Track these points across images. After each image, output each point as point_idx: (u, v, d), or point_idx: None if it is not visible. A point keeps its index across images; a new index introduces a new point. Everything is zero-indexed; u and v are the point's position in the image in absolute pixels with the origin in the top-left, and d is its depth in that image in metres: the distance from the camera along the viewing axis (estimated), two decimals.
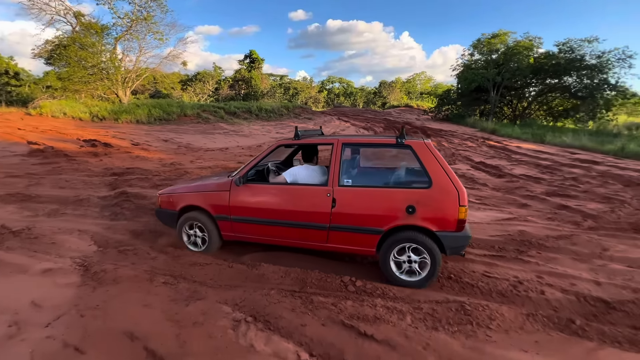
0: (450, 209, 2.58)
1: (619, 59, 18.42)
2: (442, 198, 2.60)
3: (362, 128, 19.13)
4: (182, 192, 3.43)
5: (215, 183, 3.30)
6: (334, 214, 2.82)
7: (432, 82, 52.27)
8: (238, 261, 3.09)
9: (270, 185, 3.14)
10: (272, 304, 2.33)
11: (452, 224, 2.59)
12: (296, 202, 2.96)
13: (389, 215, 2.69)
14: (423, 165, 2.69)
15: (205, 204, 3.23)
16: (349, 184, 2.87)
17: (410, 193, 2.69)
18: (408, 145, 2.76)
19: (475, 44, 23.25)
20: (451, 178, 2.63)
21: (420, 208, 2.62)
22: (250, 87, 33.36)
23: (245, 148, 12.17)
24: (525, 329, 2.14)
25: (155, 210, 3.69)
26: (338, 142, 2.97)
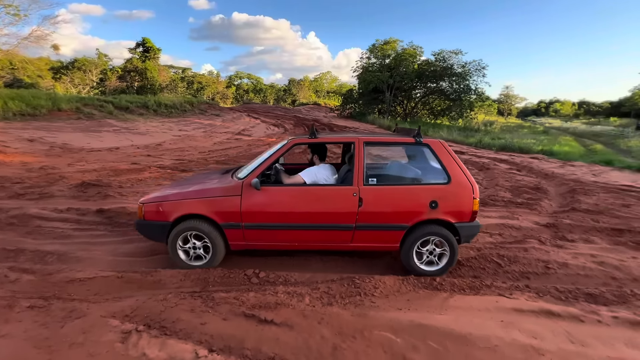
0: (467, 202, 2.80)
1: (477, 69, 22.94)
2: (459, 192, 2.80)
3: (272, 125, 19.17)
4: (177, 199, 2.91)
5: (221, 187, 2.91)
6: (360, 214, 2.80)
7: (337, 81, 55.63)
8: (130, 270, 2.82)
9: (291, 187, 2.92)
10: (169, 308, 2.23)
11: (468, 215, 2.81)
12: (321, 204, 2.85)
13: (415, 211, 2.80)
14: (441, 162, 2.85)
15: (209, 211, 2.82)
16: (374, 182, 2.85)
17: (432, 189, 2.83)
18: (426, 144, 2.92)
19: (371, 49, 25.72)
20: (465, 174, 2.84)
21: (442, 202, 2.78)
22: (145, 79, 29.73)
23: (142, 147, 10.90)
24: (400, 291, 2.57)
25: (135, 222, 3.06)
26: (359, 140, 2.92)
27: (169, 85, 34.66)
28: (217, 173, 3.57)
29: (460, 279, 2.79)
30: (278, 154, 2.97)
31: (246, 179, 2.87)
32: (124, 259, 3.16)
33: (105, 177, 6.23)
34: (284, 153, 2.98)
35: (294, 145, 3.03)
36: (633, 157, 12.33)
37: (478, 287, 2.63)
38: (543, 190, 6.09)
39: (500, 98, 57.15)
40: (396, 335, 2.02)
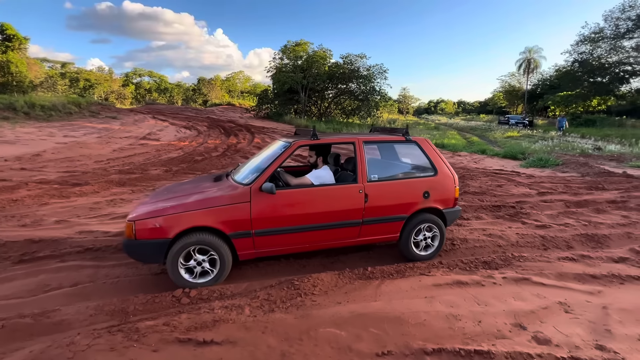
0: (451, 190, 3.25)
1: (380, 72, 25.31)
2: (445, 182, 3.24)
3: (184, 127, 17.66)
4: (177, 212, 2.61)
5: (227, 194, 2.76)
6: (366, 209, 3.00)
7: (250, 81, 54.34)
8: (14, 316, 2.26)
9: (302, 189, 2.96)
10: (79, 352, 1.86)
11: (452, 201, 3.28)
12: (331, 203, 2.97)
13: (412, 202, 3.15)
14: (429, 157, 3.26)
15: (215, 221, 2.64)
16: (375, 179, 3.06)
17: (424, 181, 3.21)
18: (414, 141, 3.32)
19: (283, 49, 25.93)
20: (447, 166, 3.29)
21: (432, 192, 3.18)
22: (9, 74, 23.97)
23: (12, 159, 8.74)
24: (338, 285, 2.68)
25: (124, 243, 2.65)
26: (359, 140, 3.14)
27: (45, 83, 28.67)
28: (207, 180, 3.31)
29: (388, 265, 3.06)
30: (284, 156, 2.91)
31: (254, 184, 2.77)
32: (3, 302, 2.51)
33: None
34: (289, 155, 2.96)
35: (298, 147, 3.04)
36: (499, 146, 15.39)
37: (403, 271, 2.92)
38: None
39: (399, 98, 64.46)
40: (340, 329, 2.11)
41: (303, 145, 3.14)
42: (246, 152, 11.08)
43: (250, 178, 2.87)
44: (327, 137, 3.36)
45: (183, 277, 2.64)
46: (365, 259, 3.37)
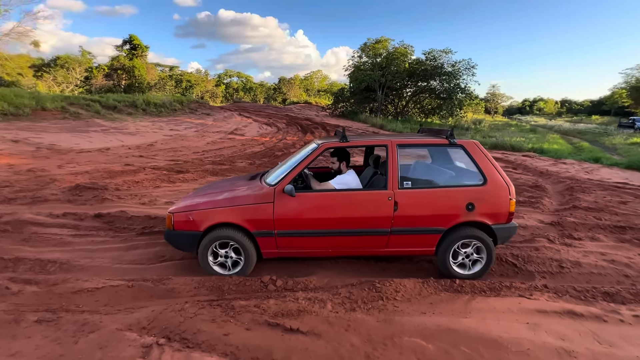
0: (503, 203, 2.77)
1: (466, 68, 23.25)
2: (495, 193, 2.77)
3: (265, 124, 18.97)
4: (208, 208, 2.83)
5: (253, 194, 2.83)
6: (396, 218, 2.75)
7: (327, 80, 55.55)
8: (139, 278, 2.70)
9: (325, 193, 2.87)
10: (188, 319, 2.14)
11: (505, 216, 2.78)
12: (355, 209, 2.79)
13: (451, 214, 2.75)
14: (477, 163, 2.81)
15: (241, 219, 2.75)
16: (408, 186, 2.80)
17: (468, 191, 2.79)
18: (460, 144, 2.87)
19: (362, 48, 25.74)
20: (501, 174, 2.80)
21: (478, 204, 2.74)
22: (133, 77, 29.00)
23: (134, 148, 10.58)
24: (422, 294, 2.53)
25: (165, 232, 2.93)
26: (392, 143, 2.87)
27: (158, 84, 33.90)
28: (243, 179, 3.47)
29: (479, 280, 2.77)
30: (309, 159, 2.89)
31: (278, 185, 2.79)
32: (131, 266, 3.03)
33: (100, 180, 6.01)
34: (315, 158, 2.90)
35: (325, 149, 2.97)
36: (619, 154, 12.72)
37: (498, 289, 2.62)
38: (542, 188, 6.19)
39: (487, 97, 58.24)
40: (427, 341, 1.99)
41: (331, 148, 3.02)
42: None
43: (277, 179, 2.88)
44: (358, 140, 3.16)
45: (210, 266, 2.81)
46: None
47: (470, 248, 2.82)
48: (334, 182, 2.97)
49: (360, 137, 3.27)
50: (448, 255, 2.82)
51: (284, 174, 2.87)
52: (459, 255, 2.84)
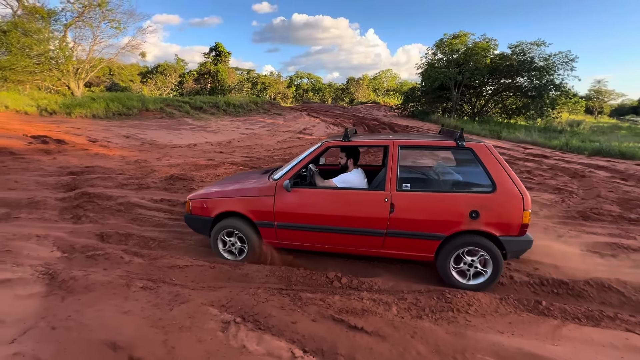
0: (514, 213, 2.53)
1: (563, 61, 20.20)
2: (506, 202, 2.54)
3: (332, 124, 19.28)
4: (218, 197, 3.12)
5: (257, 187, 3.04)
6: (391, 220, 2.70)
7: (397, 79, 53.90)
8: (220, 261, 3.01)
9: (322, 190, 2.94)
10: (260, 303, 2.31)
11: (516, 228, 2.54)
12: (351, 208, 2.81)
13: (452, 220, 2.61)
14: (486, 168, 2.60)
15: (245, 209, 2.98)
16: (407, 188, 2.72)
17: (473, 198, 2.61)
18: (469, 147, 2.68)
19: (437, 44, 24.27)
20: (515, 181, 2.56)
21: (484, 213, 2.55)
22: (216, 81, 32.23)
23: (215, 144, 11.78)
24: (499, 312, 2.31)
25: (184, 216, 3.33)
26: (394, 144, 2.81)
27: (237, 86, 37.02)
28: (257, 173, 3.68)
29: (572, 305, 2.41)
30: (311, 156, 2.98)
31: (280, 180, 2.93)
32: None
33: (188, 172, 6.84)
34: (317, 156, 2.99)
35: (328, 148, 3.00)
36: None
37: (598, 318, 2.24)
38: None
39: (589, 94, 49.68)
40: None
41: (333, 147, 3.03)
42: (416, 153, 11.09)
43: (279, 175, 2.99)
44: (361, 139, 3.06)
45: (219, 248, 3.10)
46: (534, 286, 2.77)
47: (475, 257, 2.63)
48: (336, 179, 2.99)
49: (365, 136, 3.26)
50: (447, 263, 2.67)
51: (286, 170, 3.00)
52: (461, 262, 2.67)
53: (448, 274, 2.70)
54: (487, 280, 2.64)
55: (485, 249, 2.59)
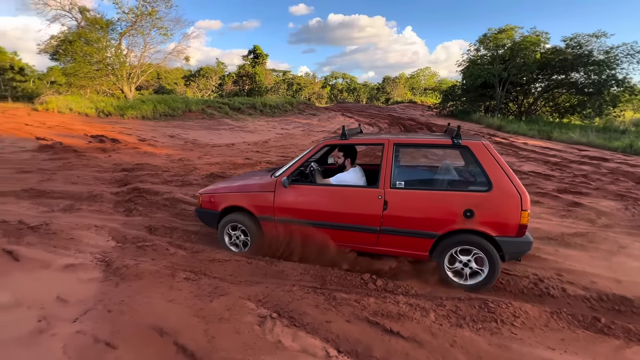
0: (512, 214, 2.47)
1: (628, 54, 18.20)
2: (502, 201, 2.49)
3: (367, 124, 19.06)
4: (224, 192, 3.33)
5: (259, 183, 3.21)
6: (385, 217, 2.73)
7: (436, 77, 51.96)
8: (256, 257, 3.10)
9: (318, 187, 3.05)
10: (295, 300, 2.34)
11: (513, 229, 2.48)
12: (345, 204, 2.88)
13: (445, 219, 2.60)
14: (482, 166, 2.57)
15: (248, 204, 3.15)
16: (401, 186, 2.74)
17: (468, 196, 2.58)
18: (465, 145, 2.65)
19: (481, 39, 23.02)
20: (512, 181, 2.50)
21: (479, 212, 2.51)
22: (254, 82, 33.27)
23: (252, 144, 12.16)
24: (550, 327, 2.14)
25: (195, 209, 3.58)
26: (389, 142, 2.85)
27: (273, 88, 37.96)
28: (263, 172, 3.86)
29: (637, 325, 2.16)
30: (310, 154, 3.10)
31: (279, 177, 3.06)
32: None
33: (227, 170, 7.13)
34: (315, 154, 3.11)
35: (325, 146, 3.13)
36: None
37: None
38: None
39: None
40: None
41: (330, 145, 3.15)
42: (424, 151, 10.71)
43: (280, 172, 3.14)
44: (358, 138, 3.15)
45: (225, 241, 3.30)
46: (591, 301, 2.53)
47: (470, 256, 2.61)
48: (333, 179, 3.06)
49: (362, 135, 3.34)
50: (442, 261, 2.67)
51: (286, 168, 3.14)
52: (456, 261, 2.65)
53: (443, 274, 2.69)
54: (483, 280, 2.60)
55: (480, 248, 2.56)
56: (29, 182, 5.57)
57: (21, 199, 4.69)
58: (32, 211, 4.21)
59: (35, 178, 5.89)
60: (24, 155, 7.96)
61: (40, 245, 3.11)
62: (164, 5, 20.58)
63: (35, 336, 1.91)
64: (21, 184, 5.39)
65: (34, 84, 23.99)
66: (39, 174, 6.16)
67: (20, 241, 3.15)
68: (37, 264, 2.77)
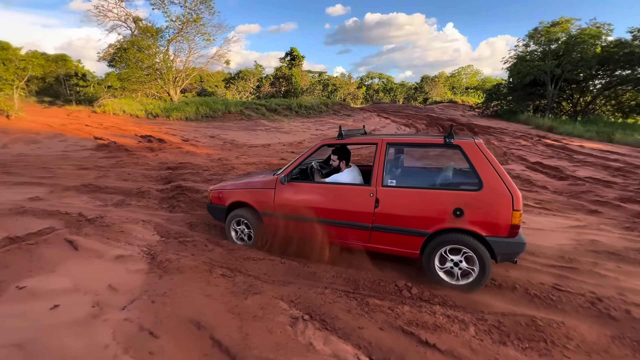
0: (503, 213, 2.44)
1: None
2: (493, 201, 2.46)
3: (403, 125, 18.59)
4: (230, 189, 3.55)
5: (261, 181, 3.40)
6: (376, 214, 2.80)
7: (479, 75, 49.25)
8: (289, 258, 3.13)
9: (314, 184, 3.20)
10: (327, 303, 2.33)
11: (504, 229, 2.44)
12: (339, 201, 2.98)
13: (435, 217, 2.61)
14: (473, 166, 2.56)
15: (252, 200, 3.35)
16: (392, 184, 2.82)
17: (458, 195, 2.57)
18: (457, 145, 2.65)
19: (531, 34, 21.43)
20: (504, 180, 2.47)
21: (469, 211, 2.50)
22: (290, 84, 33.87)
23: (287, 144, 12.38)
24: (610, 353, 1.92)
25: (207, 204, 3.85)
26: (382, 141, 2.91)
27: (308, 89, 38.35)
28: (269, 171, 4.06)
29: None
30: (308, 153, 3.22)
31: (279, 175, 3.20)
32: None
33: (263, 169, 7.32)
34: (312, 153, 3.22)
35: (323, 145, 3.24)
36: None
37: None
38: None
39: None
40: None
41: (327, 145, 3.23)
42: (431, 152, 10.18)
43: (281, 170, 3.32)
44: (353, 138, 3.23)
45: (231, 234, 3.49)
46: None
47: (460, 256, 2.58)
48: (328, 180, 3.17)
49: (354, 136, 3.38)
50: (432, 260, 2.66)
51: (286, 166, 3.28)
52: (446, 261, 2.64)
53: (433, 273, 2.68)
54: (474, 280, 2.55)
55: (469, 247, 2.53)
56: (88, 178, 6.13)
57: (81, 193, 5.18)
58: (89, 204, 4.63)
59: (92, 174, 6.47)
60: (84, 154, 8.78)
61: (95, 237, 3.40)
62: (208, 12, 21.66)
63: (90, 320, 2.08)
64: (81, 180, 5.95)
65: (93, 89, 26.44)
66: (96, 171, 6.76)
67: (79, 232, 3.46)
68: (92, 253, 3.03)
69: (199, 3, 21.02)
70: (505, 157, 9.46)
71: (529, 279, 2.77)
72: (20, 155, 8.49)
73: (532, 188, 6.20)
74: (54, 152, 8.94)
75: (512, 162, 8.97)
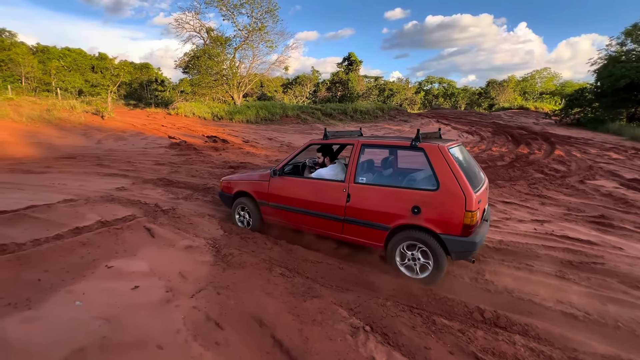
0: (454, 213, 2.58)
1: None
2: (447, 201, 2.61)
3: (465, 132, 17.41)
4: (237, 180, 4.08)
5: (259, 174, 3.89)
6: (348, 208, 3.08)
7: (557, 79, 44.18)
8: (347, 263, 3.05)
9: (299, 179, 3.57)
10: (390, 316, 2.20)
11: (457, 227, 2.58)
12: (317, 195, 3.30)
13: (396, 213, 2.82)
14: (432, 167, 2.73)
15: (251, 190, 3.84)
16: (363, 181, 3.07)
17: (416, 194, 2.76)
18: (421, 148, 2.84)
19: (629, 31, 18.52)
20: (460, 182, 2.60)
21: (425, 209, 2.68)
22: (346, 89, 34.01)
23: None
24: None
25: (218, 192, 4.33)
26: (358, 142, 3.22)
27: (365, 94, 38.13)
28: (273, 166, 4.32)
29: None
30: (298, 151, 3.61)
31: (273, 169, 3.61)
32: (340, 250, 3.47)
33: None
34: (301, 151, 3.58)
35: (311, 144, 3.59)
36: None
37: None
38: None
39: None
40: None
41: (315, 144, 3.59)
42: (542, 166, 9.08)
43: (276, 166, 3.67)
44: (336, 138, 3.55)
45: (235, 218, 4.00)
46: None
47: (416, 251, 2.77)
48: (314, 174, 3.49)
49: (340, 136, 3.65)
50: (394, 253, 2.87)
51: (280, 162, 3.68)
52: (405, 257, 2.83)
53: (393, 263, 2.88)
54: (431, 273, 2.71)
55: (424, 243, 2.70)
56: (162, 173, 6.77)
57: (157, 186, 5.72)
58: (164, 197, 5.08)
59: (166, 170, 7.14)
60: (160, 151, 9.76)
61: (168, 226, 3.69)
62: (272, 21, 22.81)
63: (164, 304, 2.23)
64: (157, 174, 6.59)
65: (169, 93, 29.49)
66: (169, 167, 7.44)
67: (156, 221, 3.80)
68: (166, 242, 3.29)
69: (264, 13, 22.26)
70: (591, 172, 8.24)
71: (635, 317, 2.31)
72: (110, 150, 9.75)
73: (630, 209, 5.27)
74: (136, 149, 10.10)
75: (600, 177, 7.77)
